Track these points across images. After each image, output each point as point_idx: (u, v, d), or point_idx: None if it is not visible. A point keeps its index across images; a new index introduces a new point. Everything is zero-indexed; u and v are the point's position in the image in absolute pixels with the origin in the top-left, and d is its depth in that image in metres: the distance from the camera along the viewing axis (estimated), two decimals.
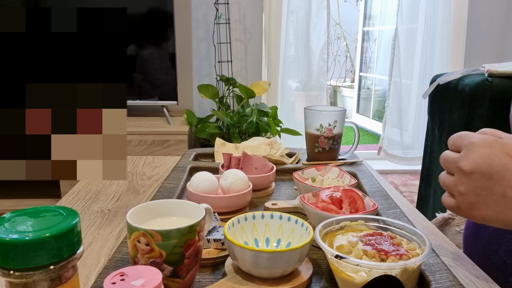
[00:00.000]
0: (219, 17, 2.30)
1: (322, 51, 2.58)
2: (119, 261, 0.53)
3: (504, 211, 0.45)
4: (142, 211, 0.50)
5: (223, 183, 0.70)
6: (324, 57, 2.59)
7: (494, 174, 0.45)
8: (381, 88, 4.05)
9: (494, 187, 0.45)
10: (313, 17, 2.52)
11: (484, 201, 0.46)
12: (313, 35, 2.55)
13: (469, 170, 0.46)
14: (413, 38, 2.63)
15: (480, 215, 0.47)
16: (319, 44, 2.57)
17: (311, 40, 2.55)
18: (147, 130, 2.06)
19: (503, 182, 0.44)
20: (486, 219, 0.47)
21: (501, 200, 0.45)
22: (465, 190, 0.47)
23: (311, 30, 2.54)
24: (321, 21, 2.53)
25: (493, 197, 0.45)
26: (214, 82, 2.36)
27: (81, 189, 0.85)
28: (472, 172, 0.46)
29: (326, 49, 2.57)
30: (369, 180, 0.83)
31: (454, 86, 1.57)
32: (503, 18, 2.61)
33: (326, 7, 2.51)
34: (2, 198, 2.01)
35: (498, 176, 0.44)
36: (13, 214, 0.35)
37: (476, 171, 0.46)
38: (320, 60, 2.59)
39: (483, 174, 0.45)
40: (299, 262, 0.49)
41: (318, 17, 2.54)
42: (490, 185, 0.45)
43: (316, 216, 0.60)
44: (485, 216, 0.47)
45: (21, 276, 0.32)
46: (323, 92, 2.62)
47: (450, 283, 0.48)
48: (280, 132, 2.21)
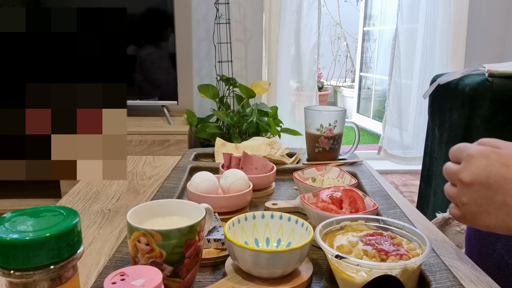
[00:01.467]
0: (219, 17, 2.30)
1: (312, 51, 2.57)
2: (119, 261, 0.53)
3: (506, 219, 0.47)
4: (143, 211, 0.50)
5: (223, 183, 0.70)
6: (314, 57, 2.58)
7: (493, 184, 0.46)
8: (381, 88, 4.05)
9: (495, 196, 0.46)
10: (304, 17, 2.52)
11: (487, 210, 0.47)
12: (304, 35, 2.55)
13: (469, 182, 0.48)
14: (413, 38, 2.63)
15: (484, 223, 0.49)
16: (310, 45, 2.56)
17: (301, 40, 2.55)
18: (147, 130, 2.06)
19: (502, 191, 0.46)
20: (491, 227, 0.48)
21: (503, 208, 0.46)
22: (467, 200, 0.49)
23: (301, 30, 2.53)
24: (312, 21, 2.53)
25: (494, 206, 0.47)
26: (214, 82, 2.36)
27: (82, 189, 0.85)
28: (472, 183, 0.48)
29: (316, 49, 2.57)
30: (369, 180, 0.83)
31: (455, 86, 1.57)
32: (503, 18, 2.61)
33: (317, 7, 2.50)
34: (2, 198, 2.01)
35: (497, 185, 0.46)
36: (13, 214, 0.35)
37: (476, 182, 0.47)
38: (311, 60, 2.58)
39: (482, 185, 0.47)
40: (299, 262, 0.49)
41: (309, 17, 2.53)
42: (490, 194, 0.47)
43: (316, 216, 0.60)
44: (489, 225, 0.48)
45: (21, 276, 0.32)
46: (313, 93, 2.62)
47: (450, 283, 0.48)
48: (280, 132, 2.21)
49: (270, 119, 2.14)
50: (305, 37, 2.55)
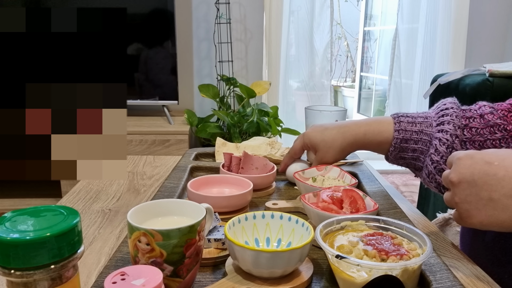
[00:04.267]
0: (220, 17, 2.30)
1: (325, 50, 2.57)
2: (119, 260, 0.53)
3: (494, 214, 0.49)
4: (143, 210, 0.50)
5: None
6: (327, 57, 2.58)
7: (477, 181, 0.50)
8: (382, 88, 4.05)
9: (481, 192, 0.49)
10: (316, 16, 2.52)
11: (476, 207, 0.50)
12: (317, 35, 2.54)
13: (457, 181, 0.51)
14: (414, 38, 2.62)
15: (477, 221, 0.51)
16: (323, 44, 2.56)
17: (314, 40, 2.54)
18: (147, 130, 2.06)
19: (487, 187, 0.49)
20: (484, 223, 0.51)
21: (490, 204, 0.49)
22: (459, 199, 0.52)
23: (314, 30, 2.53)
24: (325, 20, 2.53)
25: (482, 201, 0.50)
26: (214, 81, 2.36)
27: (82, 189, 0.85)
28: (460, 182, 0.51)
29: (329, 48, 2.57)
30: (370, 180, 0.83)
31: (455, 86, 1.56)
32: (504, 18, 2.61)
33: (330, 6, 2.50)
34: (3, 198, 2.01)
35: (481, 182, 0.49)
36: (14, 214, 0.35)
37: (463, 181, 0.51)
38: (324, 59, 2.58)
39: (469, 183, 0.50)
40: (300, 262, 0.49)
41: (321, 16, 2.53)
42: (476, 191, 0.50)
43: (316, 216, 0.60)
44: (482, 221, 0.51)
45: (21, 276, 0.32)
46: (326, 92, 2.62)
47: (450, 283, 0.48)
48: (281, 132, 2.21)
49: (271, 119, 2.14)
50: (318, 37, 2.55)
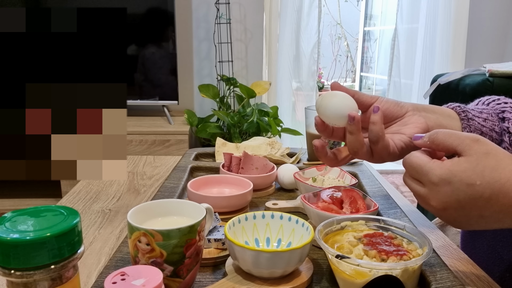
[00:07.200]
0: (220, 17, 2.30)
1: (312, 51, 2.56)
2: (119, 260, 0.53)
3: (487, 226, 0.48)
4: (143, 210, 0.50)
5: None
6: (314, 57, 2.57)
7: (465, 205, 0.46)
8: (382, 88, 4.05)
9: (470, 213, 0.47)
10: (304, 16, 2.51)
11: (468, 223, 0.49)
12: (304, 35, 2.54)
13: (442, 208, 0.48)
14: (414, 38, 2.62)
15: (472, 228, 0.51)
16: (310, 44, 2.56)
17: (301, 40, 2.54)
18: (147, 130, 2.06)
19: (476, 209, 0.46)
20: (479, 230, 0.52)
21: (481, 220, 0.47)
22: (446, 221, 0.50)
23: (301, 30, 2.53)
24: (313, 20, 2.52)
25: (473, 219, 0.48)
26: (214, 82, 2.36)
27: (82, 189, 0.85)
28: (445, 208, 0.48)
29: (317, 49, 2.56)
30: (370, 180, 0.83)
31: (455, 86, 1.56)
32: (504, 18, 2.61)
33: (318, 6, 2.50)
34: (3, 198, 2.01)
35: (469, 206, 0.46)
36: (14, 214, 0.35)
37: (449, 207, 0.47)
38: (311, 60, 2.58)
39: (455, 209, 0.47)
40: (300, 262, 0.49)
41: (309, 17, 2.53)
42: (465, 214, 0.47)
43: (316, 216, 0.60)
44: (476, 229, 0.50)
45: (21, 276, 0.32)
46: (313, 93, 2.62)
47: (450, 283, 0.48)
48: (281, 132, 2.21)
49: (271, 119, 2.14)
50: (305, 37, 2.54)
